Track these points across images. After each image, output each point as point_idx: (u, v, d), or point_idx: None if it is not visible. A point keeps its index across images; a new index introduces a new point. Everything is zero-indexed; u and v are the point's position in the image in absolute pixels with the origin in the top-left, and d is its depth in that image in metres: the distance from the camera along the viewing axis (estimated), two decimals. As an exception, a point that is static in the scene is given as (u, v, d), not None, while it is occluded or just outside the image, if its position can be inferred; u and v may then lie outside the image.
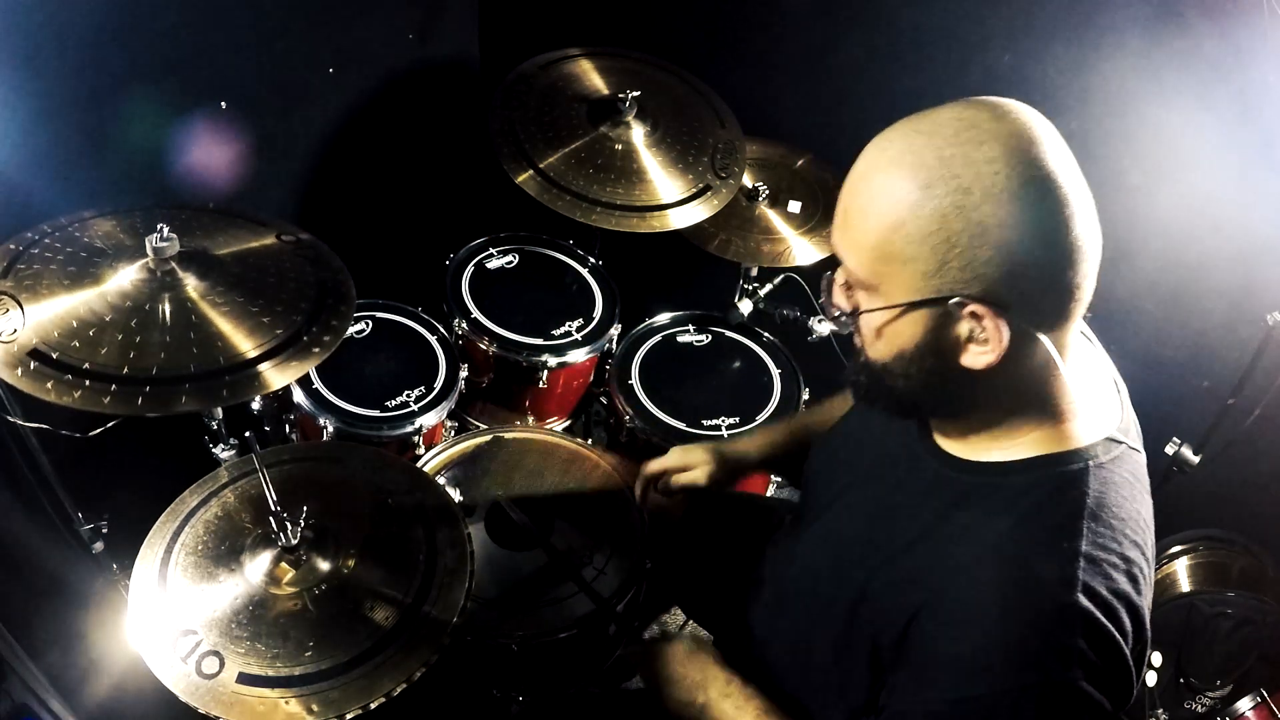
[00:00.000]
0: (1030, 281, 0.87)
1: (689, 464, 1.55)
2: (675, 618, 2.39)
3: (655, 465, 1.58)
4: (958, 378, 0.94)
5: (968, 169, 0.85)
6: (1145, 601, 0.93)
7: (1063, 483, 0.94)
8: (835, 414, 1.49)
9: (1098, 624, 0.87)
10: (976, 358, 0.91)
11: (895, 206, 0.88)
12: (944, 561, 0.97)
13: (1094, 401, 1.00)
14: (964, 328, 0.90)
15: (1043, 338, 0.91)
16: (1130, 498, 0.96)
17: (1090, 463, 0.95)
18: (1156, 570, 2.17)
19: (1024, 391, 0.96)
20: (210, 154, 1.98)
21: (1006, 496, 0.96)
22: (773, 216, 2.15)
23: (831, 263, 1.03)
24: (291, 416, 1.96)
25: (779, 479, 2.24)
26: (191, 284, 1.34)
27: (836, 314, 1.01)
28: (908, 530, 1.03)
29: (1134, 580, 0.92)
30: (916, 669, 0.96)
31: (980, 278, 0.87)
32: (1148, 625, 0.93)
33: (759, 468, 1.59)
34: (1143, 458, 1.02)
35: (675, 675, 1.25)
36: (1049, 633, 0.88)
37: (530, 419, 2.21)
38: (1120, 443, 0.98)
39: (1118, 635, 0.88)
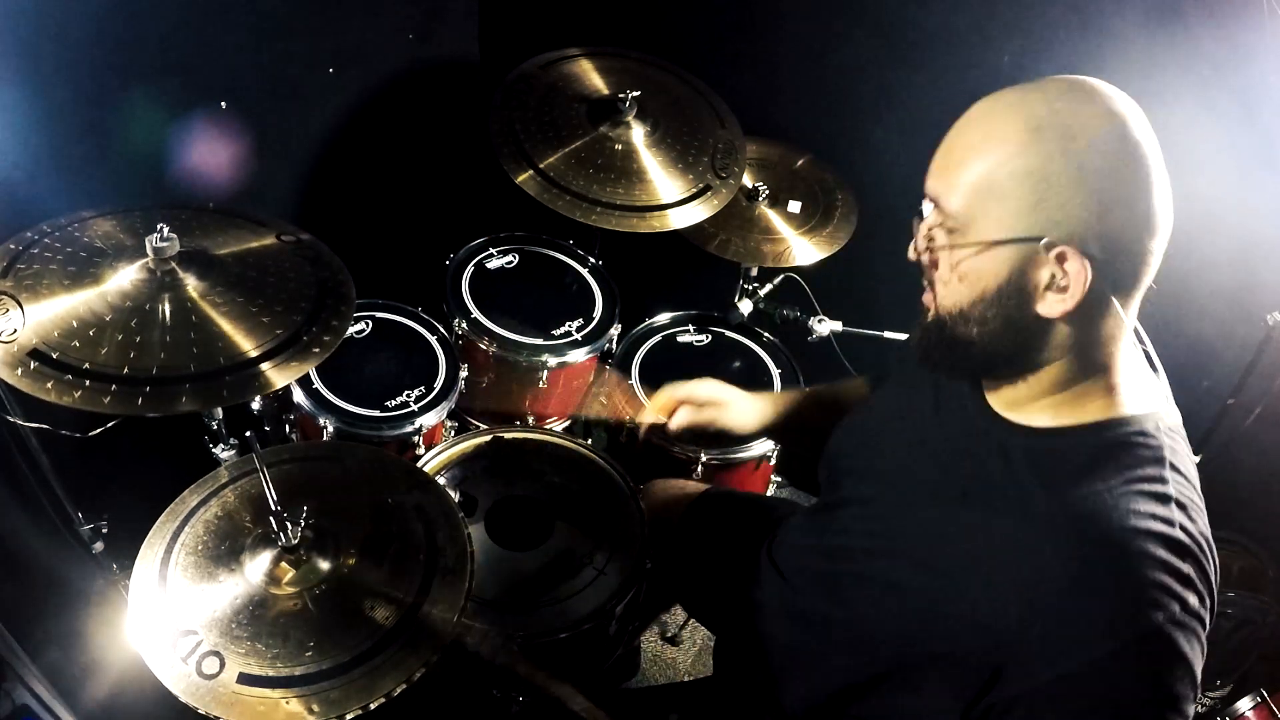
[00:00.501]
0: (1114, 235, 0.92)
1: (725, 402, 1.52)
2: (675, 618, 2.39)
3: (683, 392, 1.53)
4: (1031, 326, 0.97)
5: (1075, 119, 0.92)
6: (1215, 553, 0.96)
7: (1141, 439, 0.97)
8: (847, 396, 1.49)
9: (1197, 556, 0.91)
10: (1053, 305, 0.94)
11: (1003, 144, 0.93)
12: (1025, 529, 0.96)
13: (1144, 377, 1.05)
14: (1045, 273, 0.93)
15: (1115, 301, 0.94)
16: (1191, 459, 1.01)
17: (1160, 424, 0.99)
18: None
19: (1089, 355, 0.98)
20: (210, 154, 1.98)
21: (1088, 456, 0.97)
22: (773, 216, 2.15)
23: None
24: (291, 416, 1.96)
25: (779, 479, 2.24)
26: (191, 284, 1.34)
27: (921, 252, 1.04)
28: (976, 500, 1.03)
29: (1208, 524, 0.96)
30: (1029, 649, 0.93)
31: (1071, 220, 0.91)
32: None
33: (768, 432, 1.57)
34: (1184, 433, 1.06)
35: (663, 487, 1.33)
36: (1163, 566, 0.89)
37: (530, 419, 2.21)
38: (1174, 409, 1.04)
39: (1210, 566, 0.92)
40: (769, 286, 2.21)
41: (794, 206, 2.16)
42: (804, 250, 2.09)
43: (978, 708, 0.97)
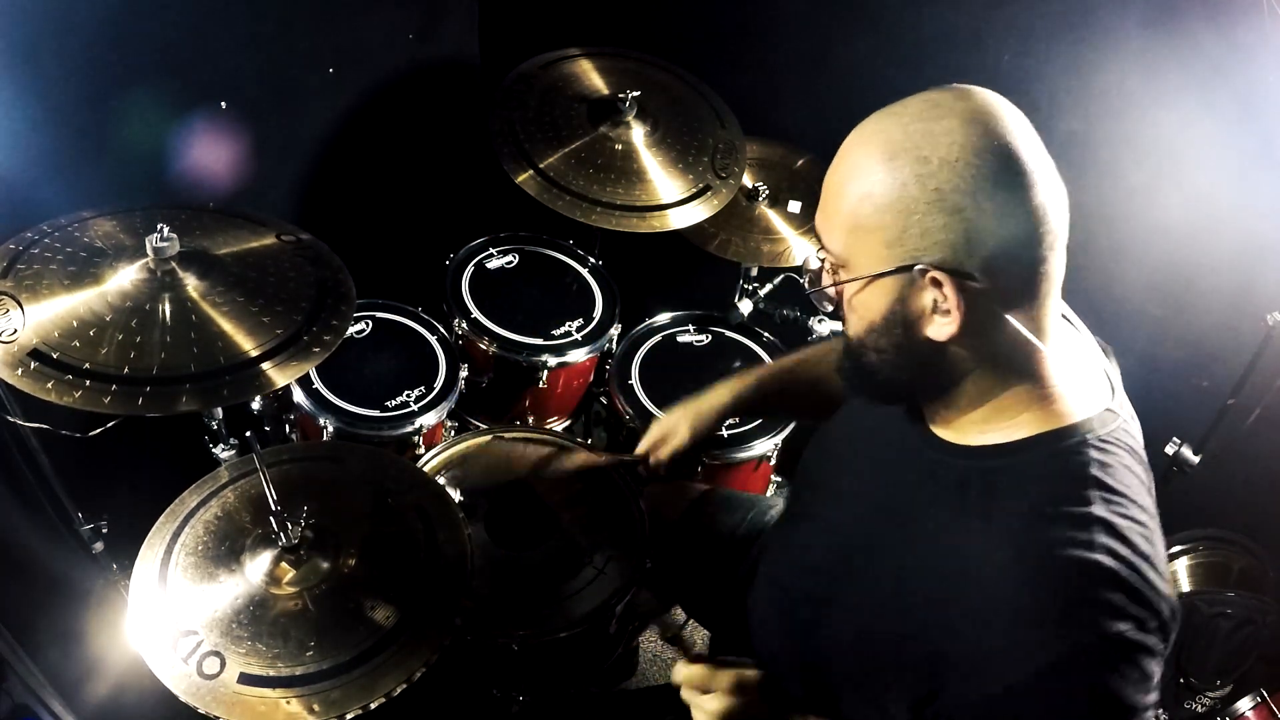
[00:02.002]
0: (988, 249, 0.90)
1: (666, 432, 1.56)
2: (675, 617, 2.39)
3: (640, 449, 1.58)
4: (925, 350, 0.96)
5: (927, 140, 0.90)
6: (1164, 566, 0.93)
7: (1066, 457, 0.95)
8: (810, 359, 1.52)
9: (1125, 581, 0.88)
10: (940, 328, 0.94)
11: (863, 179, 0.93)
12: (957, 552, 0.96)
13: (1083, 380, 1.01)
14: (927, 298, 0.93)
15: (1009, 316, 0.93)
16: (1131, 467, 0.97)
17: (1089, 435, 0.96)
18: (1156, 570, 2.19)
19: (1000, 367, 0.97)
20: (210, 154, 1.98)
21: (1011, 477, 0.97)
22: (773, 216, 2.15)
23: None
24: (291, 416, 1.96)
25: (779, 479, 2.24)
26: (191, 284, 1.34)
27: (820, 293, 1.05)
28: (912, 522, 1.04)
29: (1150, 542, 0.92)
30: (960, 666, 0.94)
31: (939, 244, 0.90)
32: (1169, 584, 0.93)
33: (734, 412, 1.59)
34: (1138, 428, 1.03)
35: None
36: (1081, 596, 0.88)
37: (530, 419, 2.21)
38: (1116, 414, 0.99)
39: (1147, 590, 0.89)
40: (769, 286, 2.21)
41: (794, 206, 2.16)
42: (804, 250, 2.09)
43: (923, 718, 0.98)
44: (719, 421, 1.57)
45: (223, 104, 1.97)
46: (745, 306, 2.18)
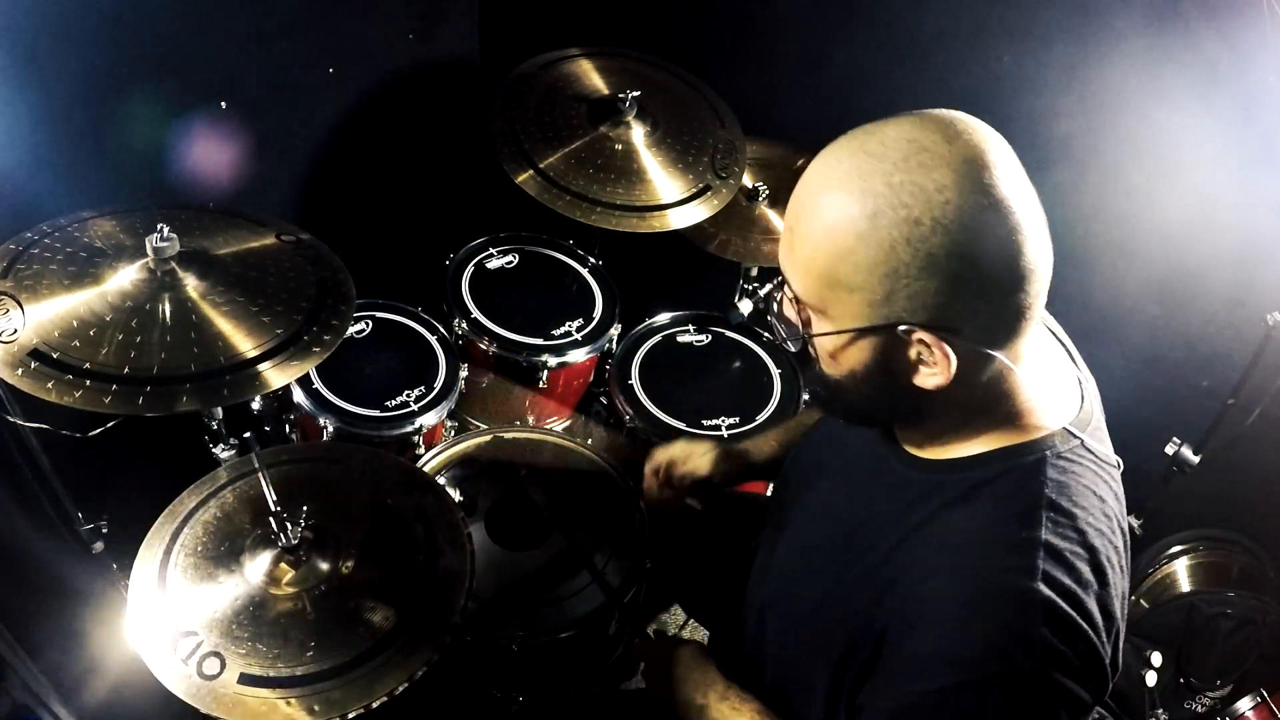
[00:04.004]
0: (979, 308, 0.87)
1: (693, 455, 1.56)
2: (675, 617, 2.39)
3: (661, 455, 1.59)
4: (910, 396, 0.94)
5: (917, 198, 0.83)
6: (1115, 591, 0.92)
7: (1020, 473, 0.94)
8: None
9: (1061, 613, 0.86)
10: (927, 379, 0.91)
11: (843, 235, 0.86)
12: (911, 560, 0.97)
13: (1053, 395, 1.00)
14: (913, 352, 0.90)
15: (993, 354, 0.90)
16: (1092, 485, 0.95)
17: (1049, 452, 0.95)
18: (1156, 570, 2.19)
19: (979, 399, 0.96)
20: (210, 154, 1.98)
21: (965, 490, 0.96)
22: (773, 216, 2.15)
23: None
24: (291, 416, 1.96)
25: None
26: (191, 284, 1.34)
27: (789, 331, 1.00)
28: (875, 533, 1.04)
29: (1099, 570, 0.91)
30: (889, 667, 0.96)
31: (928, 306, 0.86)
32: (1118, 613, 0.92)
33: (761, 473, 1.60)
34: (1103, 449, 1.01)
35: (679, 675, 1.26)
36: (1011, 622, 0.87)
37: (530, 419, 2.21)
38: (1080, 429, 0.98)
39: (1084, 624, 0.87)
40: (769, 286, 2.21)
41: (794, 206, 2.16)
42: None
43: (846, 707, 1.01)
44: (744, 469, 1.57)
45: (223, 104, 1.97)
46: (745, 306, 2.17)
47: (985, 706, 0.87)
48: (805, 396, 2.08)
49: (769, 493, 2.20)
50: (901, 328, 0.88)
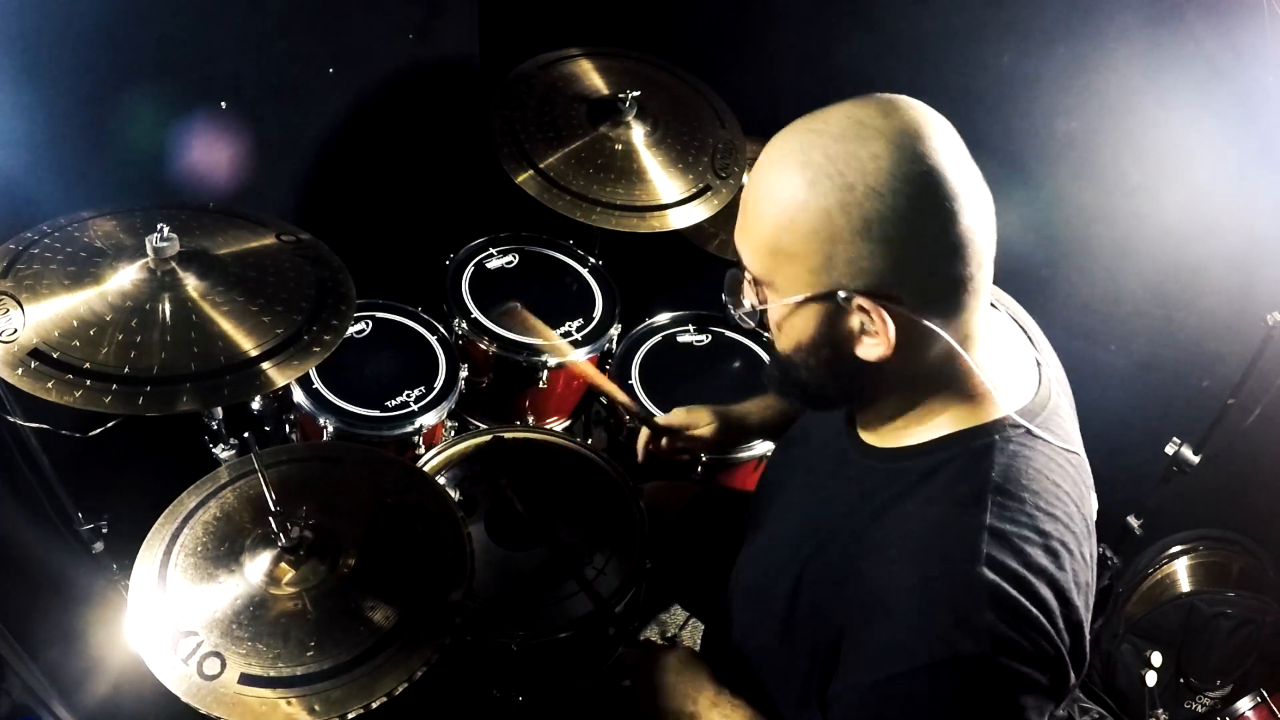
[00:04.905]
0: (917, 274, 0.89)
1: (693, 423, 1.59)
2: (675, 617, 2.39)
3: (661, 420, 1.62)
4: (855, 368, 0.96)
5: (851, 165, 0.87)
6: (1071, 576, 0.91)
7: (969, 458, 0.95)
8: None
9: (1007, 597, 0.86)
10: (870, 349, 0.93)
11: (784, 204, 0.90)
12: (869, 551, 0.98)
13: (1009, 380, 1.01)
14: (855, 321, 0.92)
15: (936, 328, 0.91)
16: (1044, 470, 0.95)
17: (998, 437, 0.95)
18: (1156, 570, 2.19)
19: (928, 377, 0.97)
20: (210, 154, 1.98)
21: (917, 477, 0.97)
22: (773, 216, 2.15)
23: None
24: (291, 416, 1.96)
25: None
26: (191, 284, 1.34)
27: (743, 309, 1.04)
28: (836, 524, 1.05)
29: (1053, 554, 0.90)
30: (849, 658, 0.97)
31: (865, 271, 0.89)
32: (1076, 600, 0.91)
33: (759, 432, 1.62)
34: (1056, 436, 0.99)
35: (668, 683, 1.25)
36: (957, 609, 0.87)
37: (530, 419, 2.21)
38: (1037, 410, 0.98)
39: (1034, 609, 0.87)
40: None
41: (794, 206, 2.16)
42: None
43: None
44: (743, 431, 1.59)
45: (223, 104, 1.97)
46: (745, 306, 2.17)
47: (937, 693, 0.88)
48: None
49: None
50: (841, 294, 0.90)
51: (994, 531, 0.89)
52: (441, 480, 1.69)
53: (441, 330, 2.08)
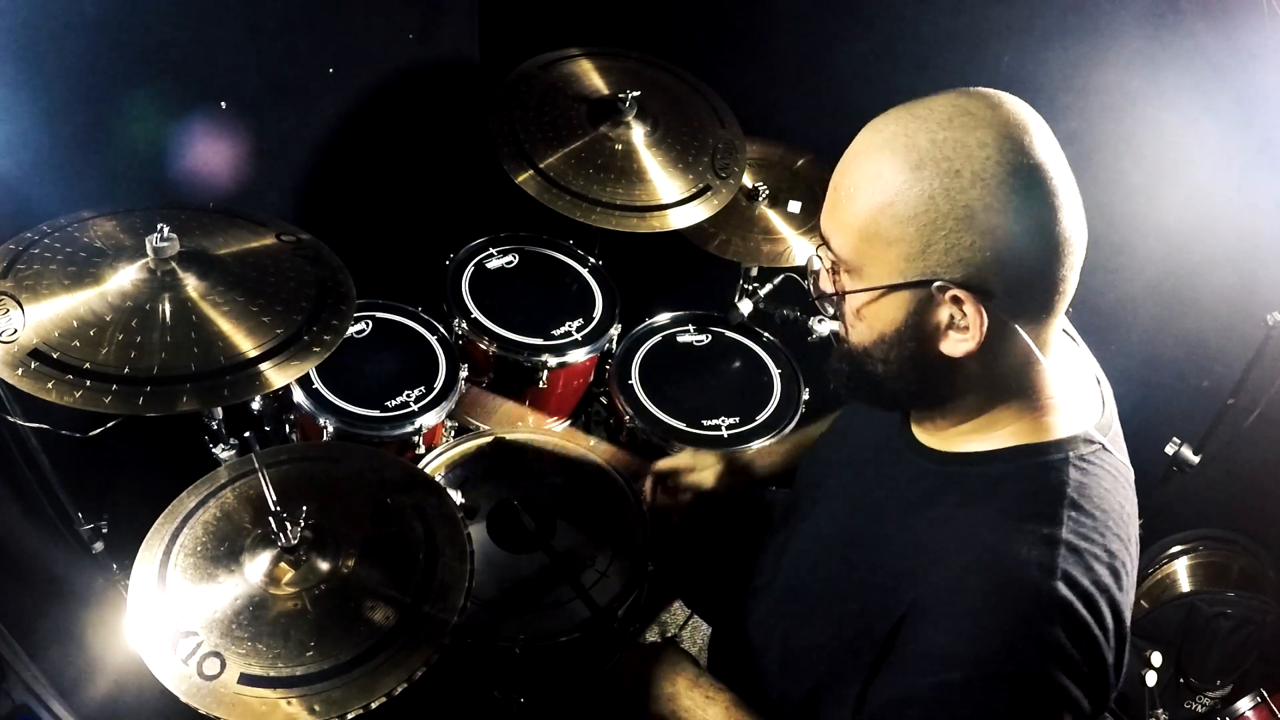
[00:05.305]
0: (1014, 270, 0.87)
1: (698, 466, 1.59)
2: (675, 617, 2.39)
3: (666, 463, 1.62)
4: (936, 364, 0.94)
5: (959, 152, 0.85)
6: (1127, 599, 0.92)
7: (1044, 471, 0.94)
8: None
9: (1077, 615, 0.86)
10: (956, 345, 0.91)
11: (884, 187, 0.88)
12: (927, 553, 0.96)
13: (1076, 397, 1.00)
14: (944, 313, 0.91)
15: (1022, 331, 0.90)
16: (1112, 490, 0.95)
17: (1072, 453, 0.94)
18: (1156, 570, 2.19)
19: (1003, 383, 0.96)
20: (210, 154, 1.98)
21: (985, 484, 0.96)
22: (773, 216, 2.15)
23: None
24: (291, 416, 1.96)
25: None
26: (191, 284, 1.34)
27: (822, 295, 1.02)
28: (890, 524, 1.04)
29: (1116, 575, 0.90)
30: (900, 658, 0.96)
31: (964, 262, 0.87)
32: (1128, 623, 0.92)
33: (765, 482, 1.62)
34: (1121, 456, 1.00)
35: (651, 672, 1.26)
36: (1027, 621, 0.86)
37: (530, 419, 2.21)
38: (1102, 433, 0.97)
39: (1097, 629, 0.87)
40: (769, 286, 2.21)
41: (794, 206, 2.16)
42: (804, 250, 2.09)
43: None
44: (748, 476, 1.60)
45: (223, 104, 1.97)
46: (745, 306, 2.18)
47: (991, 704, 0.87)
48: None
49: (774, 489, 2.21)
50: (936, 284, 0.88)
51: (1070, 547, 0.88)
52: (442, 481, 1.69)
53: (441, 330, 2.08)
